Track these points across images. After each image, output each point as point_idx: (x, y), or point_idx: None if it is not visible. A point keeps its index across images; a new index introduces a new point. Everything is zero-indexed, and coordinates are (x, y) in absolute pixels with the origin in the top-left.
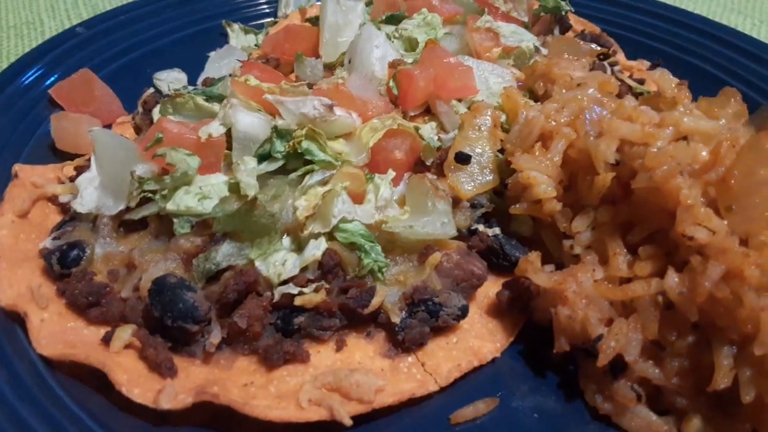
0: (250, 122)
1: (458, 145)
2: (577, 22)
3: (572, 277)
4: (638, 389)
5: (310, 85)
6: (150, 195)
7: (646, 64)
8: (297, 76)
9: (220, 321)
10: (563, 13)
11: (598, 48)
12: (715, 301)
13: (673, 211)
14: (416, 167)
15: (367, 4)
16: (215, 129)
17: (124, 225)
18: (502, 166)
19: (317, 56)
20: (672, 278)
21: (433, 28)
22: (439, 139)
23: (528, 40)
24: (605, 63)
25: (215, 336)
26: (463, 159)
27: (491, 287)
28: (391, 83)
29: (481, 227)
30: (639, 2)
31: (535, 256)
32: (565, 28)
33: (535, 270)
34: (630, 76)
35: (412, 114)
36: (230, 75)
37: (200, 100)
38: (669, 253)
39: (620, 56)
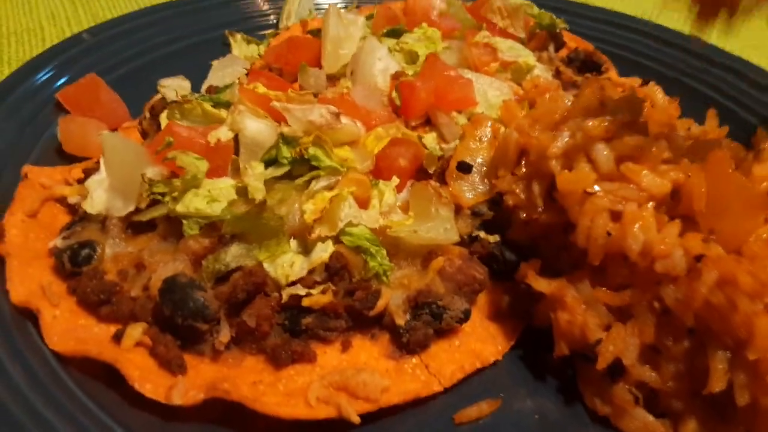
0: (258, 128)
1: (460, 155)
2: (571, 40)
3: (571, 283)
4: (636, 392)
5: (315, 95)
6: (159, 197)
7: (638, 81)
8: (300, 85)
9: (229, 320)
10: (558, 30)
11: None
12: (710, 307)
13: None
14: (418, 175)
15: (368, 18)
16: (223, 134)
17: (133, 226)
18: None
19: (319, 67)
20: (668, 285)
21: (433, 42)
22: (441, 148)
23: (525, 55)
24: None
25: (224, 335)
26: (464, 168)
27: (491, 292)
28: (394, 94)
29: (482, 234)
30: (632, 22)
31: (535, 263)
32: (560, 45)
33: (535, 276)
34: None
35: (414, 124)
36: (238, 82)
37: (208, 106)
38: None
39: (612, 73)
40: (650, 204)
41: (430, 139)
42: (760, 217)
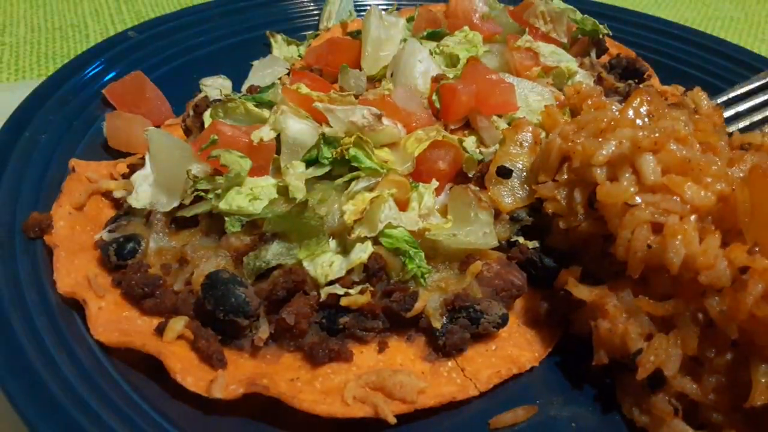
0: (300, 128)
1: (500, 160)
2: (612, 46)
3: (613, 291)
4: (675, 403)
5: (355, 96)
6: (202, 194)
7: (681, 89)
8: (341, 86)
9: (269, 317)
10: (600, 36)
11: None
12: (755, 320)
13: None
14: (457, 178)
15: (409, 20)
16: (266, 134)
17: (176, 221)
18: None
19: (359, 68)
20: (713, 297)
21: (474, 46)
22: (480, 152)
23: (567, 60)
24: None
25: (263, 331)
26: (504, 173)
27: (529, 298)
28: (434, 97)
29: (520, 239)
30: (674, 29)
31: (575, 270)
32: (602, 51)
33: (575, 283)
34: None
35: (453, 128)
36: (280, 83)
37: (251, 105)
38: None
39: (655, 81)
40: (693, 217)
41: (469, 143)
42: None
